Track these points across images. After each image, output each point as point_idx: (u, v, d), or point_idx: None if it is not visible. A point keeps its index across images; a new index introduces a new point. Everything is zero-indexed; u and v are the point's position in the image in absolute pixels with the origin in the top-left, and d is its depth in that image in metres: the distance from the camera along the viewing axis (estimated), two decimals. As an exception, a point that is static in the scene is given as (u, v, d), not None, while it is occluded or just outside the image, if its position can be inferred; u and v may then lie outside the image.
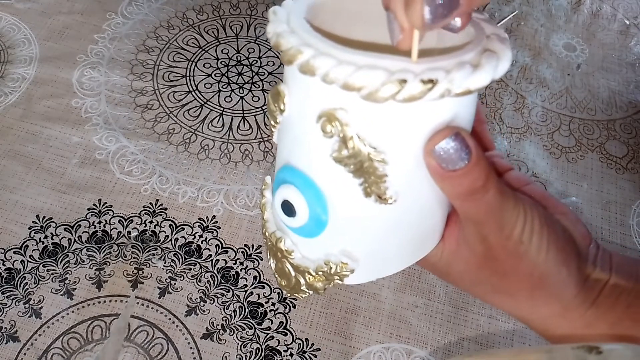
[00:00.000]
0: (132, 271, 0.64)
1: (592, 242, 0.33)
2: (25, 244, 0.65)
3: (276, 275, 0.36)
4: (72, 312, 0.61)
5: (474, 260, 0.32)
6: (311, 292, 0.34)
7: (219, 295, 0.63)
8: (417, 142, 0.28)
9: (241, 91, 0.80)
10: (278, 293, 0.64)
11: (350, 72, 0.25)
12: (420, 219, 0.32)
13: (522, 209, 0.30)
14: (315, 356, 0.60)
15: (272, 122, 0.31)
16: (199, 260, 0.65)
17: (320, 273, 0.33)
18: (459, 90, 0.26)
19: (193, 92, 0.79)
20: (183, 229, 0.67)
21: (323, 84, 0.26)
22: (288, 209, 0.32)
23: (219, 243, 0.67)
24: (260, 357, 0.60)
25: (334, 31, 0.31)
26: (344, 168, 0.28)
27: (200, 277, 0.64)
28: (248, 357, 0.60)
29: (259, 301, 0.63)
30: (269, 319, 0.62)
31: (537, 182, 0.70)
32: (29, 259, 0.64)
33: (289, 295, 0.37)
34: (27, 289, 0.62)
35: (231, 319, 0.62)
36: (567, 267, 0.31)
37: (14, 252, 0.65)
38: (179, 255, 0.65)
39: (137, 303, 0.62)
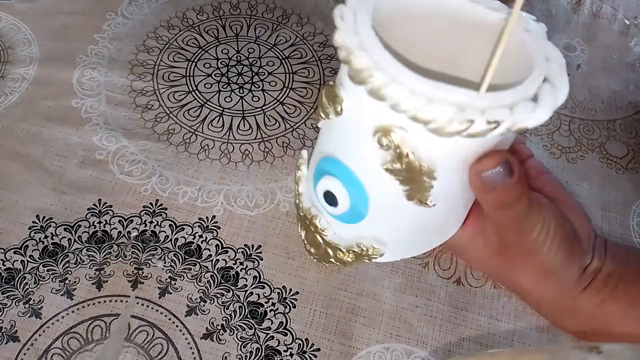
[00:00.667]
0: (132, 271, 0.64)
1: (592, 231, 0.39)
2: (25, 244, 0.65)
3: (305, 243, 0.39)
4: (72, 312, 0.61)
5: (488, 250, 0.38)
6: (338, 264, 0.38)
7: (219, 295, 0.63)
8: (467, 162, 0.30)
9: (241, 91, 0.80)
10: (278, 293, 0.64)
11: (421, 106, 0.26)
12: (449, 216, 0.34)
13: (542, 216, 0.33)
14: (315, 356, 0.60)
15: (322, 115, 0.32)
16: (199, 260, 0.65)
17: (351, 252, 0.36)
18: (519, 128, 0.27)
19: (193, 92, 0.79)
20: (183, 229, 0.67)
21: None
22: (330, 198, 0.34)
23: (219, 243, 0.67)
24: (260, 357, 0.60)
25: (396, 34, 0.32)
26: (393, 176, 0.30)
27: (200, 277, 0.64)
28: (248, 357, 0.60)
29: (259, 301, 0.63)
30: (269, 319, 0.62)
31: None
32: (29, 259, 0.64)
33: (316, 260, 0.40)
34: (27, 289, 0.62)
35: (231, 319, 0.62)
36: (571, 263, 0.36)
37: (14, 252, 0.65)
38: (179, 255, 0.65)
39: (137, 303, 0.62)
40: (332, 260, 0.37)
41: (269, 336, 0.61)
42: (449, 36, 0.32)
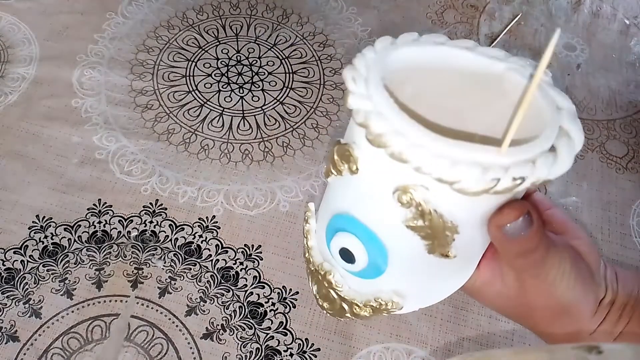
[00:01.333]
0: (132, 271, 0.64)
1: (602, 262, 0.38)
2: (25, 244, 0.65)
3: (318, 298, 0.38)
4: (72, 312, 0.61)
5: (505, 292, 0.36)
6: (355, 319, 0.37)
7: (219, 295, 0.63)
8: (489, 214, 0.30)
9: (241, 91, 0.80)
10: (278, 293, 0.64)
11: (445, 168, 0.26)
12: (468, 264, 0.34)
13: (558, 258, 0.33)
14: (315, 356, 0.60)
15: (333, 171, 0.32)
16: (199, 260, 0.65)
17: (369, 306, 0.35)
18: (542, 181, 0.27)
19: (193, 92, 0.79)
20: (183, 229, 0.67)
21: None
22: (347, 256, 0.33)
23: (218, 243, 0.67)
24: (260, 357, 0.60)
25: (404, 88, 0.32)
26: (415, 233, 0.30)
27: (200, 277, 0.64)
28: (248, 357, 0.60)
29: (259, 301, 0.63)
30: (269, 319, 0.62)
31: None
32: (29, 259, 0.64)
33: (329, 315, 0.38)
34: (27, 289, 0.62)
35: (231, 319, 0.62)
36: (587, 299, 0.35)
37: (14, 252, 0.65)
38: (179, 255, 0.65)
39: (137, 303, 0.62)
40: (348, 315, 0.36)
41: (269, 336, 0.61)
42: (456, 89, 0.32)
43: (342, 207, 0.33)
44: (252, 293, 0.63)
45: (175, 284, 0.64)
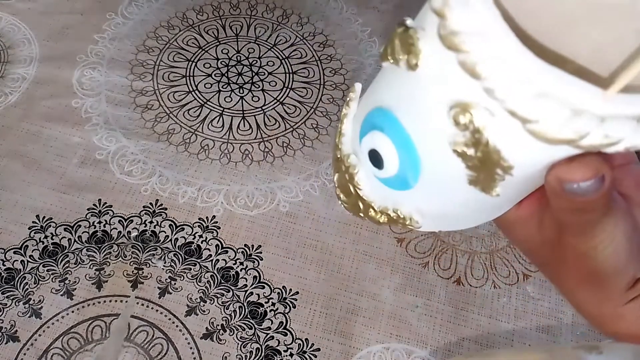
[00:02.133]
0: (132, 271, 0.64)
1: None
2: (25, 244, 0.65)
3: (336, 187, 0.32)
4: (72, 312, 0.61)
5: (539, 239, 0.32)
6: (368, 220, 0.31)
7: (219, 295, 0.63)
8: (552, 161, 0.24)
9: (241, 91, 0.80)
10: (278, 293, 0.64)
11: (525, 100, 0.20)
12: (507, 203, 0.29)
13: (613, 223, 0.29)
14: (315, 356, 0.60)
15: (390, 58, 0.26)
16: (199, 260, 0.65)
17: (385, 214, 0.30)
18: (632, 147, 0.22)
19: (193, 92, 0.79)
20: (183, 229, 0.67)
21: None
22: (376, 159, 0.28)
23: (219, 243, 0.67)
24: (260, 357, 0.60)
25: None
26: (461, 160, 0.25)
27: (200, 277, 0.64)
28: (248, 357, 0.60)
29: (259, 301, 0.63)
30: (269, 319, 0.62)
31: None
32: (29, 259, 0.64)
33: (343, 207, 0.34)
34: (27, 289, 0.62)
35: (231, 319, 0.62)
36: (624, 275, 0.31)
37: (14, 252, 0.65)
38: (179, 255, 0.65)
39: (137, 303, 0.62)
40: (361, 214, 0.31)
41: (269, 336, 0.61)
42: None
43: (387, 101, 0.27)
44: (252, 293, 0.63)
45: (175, 284, 0.64)
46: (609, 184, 0.26)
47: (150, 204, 0.69)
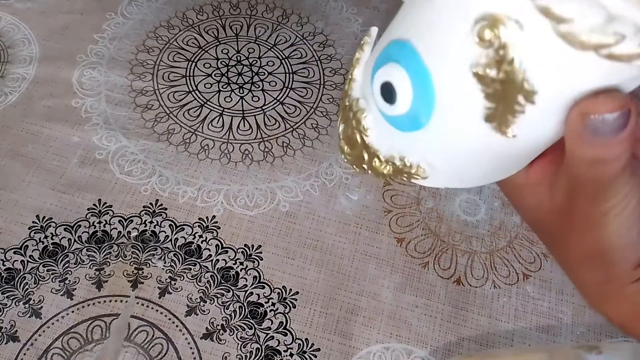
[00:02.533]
0: (132, 271, 0.64)
1: None
2: (25, 244, 0.65)
3: (341, 139, 0.31)
4: (72, 312, 0.61)
5: (548, 205, 0.30)
6: (371, 173, 0.30)
7: (219, 295, 0.63)
8: (579, 93, 0.23)
9: (241, 91, 0.80)
10: (278, 293, 0.64)
11: None
12: (523, 153, 0.27)
13: (628, 188, 0.27)
14: (315, 356, 0.60)
15: None
16: (199, 260, 0.65)
17: (390, 163, 0.29)
18: None
19: (193, 92, 0.79)
20: (183, 229, 0.67)
21: None
22: (388, 92, 0.27)
23: (219, 243, 0.67)
24: (260, 357, 0.60)
25: None
26: (480, 86, 0.23)
27: (200, 277, 0.64)
28: (248, 357, 0.60)
29: (259, 301, 0.63)
30: (269, 319, 0.62)
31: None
32: (29, 259, 0.64)
33: (345, 161, 0.32)
34: (27, 289, 0.62)
35: (231, 319, 0.62)
36: (634, 250, 0.29)
37: (14, 252, 0.65)
38: (179, 255, 0.65)
39: (137, 303, 0.62)
40: (364, 166, 0.29)
41: (269, 336, 0.61)
42: None
43: (405, 32, 0.26)
44: (252, 293, 0.63)
45: (175, 284, 0.64)
46: (633, 126, 0.24)
47: (150, 204, 0.69)
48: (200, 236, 0.67)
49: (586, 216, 0.28)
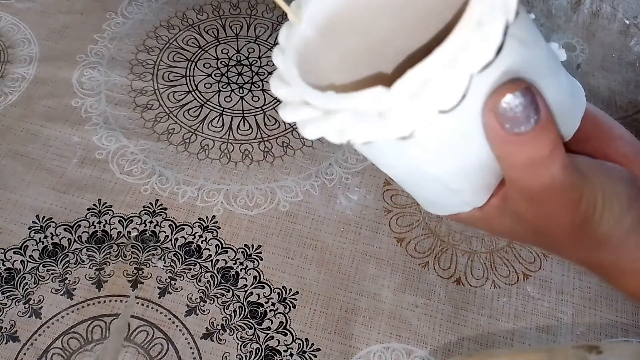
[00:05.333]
0: (132, 271, 0.64)
1: None
2: (25, 244, 0.65)
3: None
4: (72, 312, 0.61)
5: (522, 230, 0.28)
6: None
7: (219, 295, 0.63)
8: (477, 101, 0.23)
9: (241, 91, 0.80)
10: (278, 293, 0.64)
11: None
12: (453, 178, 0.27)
13: (599, 186, 0.26)
14: (315, 356, 0.60)
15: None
16: (199, 260, 0.65)
17: None
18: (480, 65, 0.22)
19: (193, 92, 0.79)
20: (183, 229, 0.67)
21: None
22: None
23: (218, 243, 0.67)
24: (260, 357, 0.60)
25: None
26: None
27: (200, 277, 0.64)
28: (248, 357, 0.60)
29: (258, 301, 0.63)
30: (268, 319, 0.62)
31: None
32: (29, 259, 0.64)
33: None
34: (27, 289, 0.62)
35: (231, 319, 0.62)
36: (636, 229, 0.28)
37: (14, 252, 0.65)
38: (179, 255, 0.65)
39: (137, 303, 0.62)
40: None
41: (269, 336, 0.61)
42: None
43: None
44: (252, 293, 0.63)
45: (175, 284, 0.64)
46: (547, 112, 0.24)
47: (150, 203, 0.69)
48: (200, 236, 0.67)
49: (568, 227, 0.27)
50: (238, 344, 0.60)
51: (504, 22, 0.22)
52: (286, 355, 0.60)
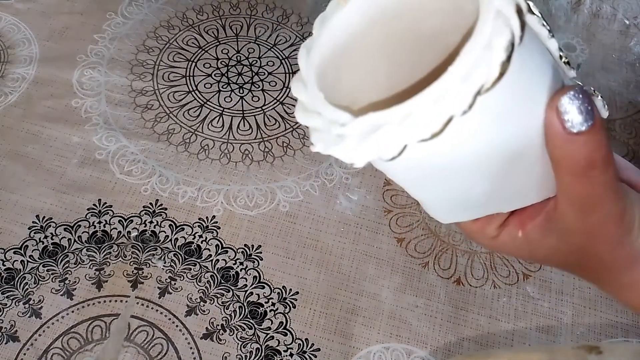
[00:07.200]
0: (132, 271, 0.64)
1: None
2: (25, 244, 0.65)
3: None
4: (72, 312, 0.61)
5: (566, 249, 0.29)
6: None
7: (219, 295, 0.63)
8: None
9: (241, 91, 0.80)
10: (278, 293, 0.64)
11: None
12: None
13: (637, 202, 0.27)
14: (315, 356, 0.60)
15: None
16: (199, 261, 0.65)
17: None
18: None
19: (193, 92, 0.79)
20: (183, 229, 0.67)
21: None
22: None
23: (218, 243, 0.67)
24: (260, 357, 0.60)
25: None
26: None
27: (200, 277, 0.64)
28: (248, 357, 0.60)
29: (259, 301, 0.63)
30: (268, 319, 0.62)
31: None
32: (29, 259, 0.64)
33: None
34: (27, 289, 0.62)
35: (231, 319, 0.62)
36: None
37: (14, 252, 0.65)
38: (179, 255, 0.65)
39: (137, 303, 0.62)
40: None
41: (269, 336, 0.61)
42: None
43: None
44: (252, 293, 0.63)
45: (175, 284, 0.64)
46: (599, 117, 0.24)
47: (150, 204, 0.69)
48: (200, 236, 0.67)
49: (612, 240, 0.27)
50: (238, 344, 0.60)
51: (509, 40, 0.22)
52: (286, 355, 0.60)
